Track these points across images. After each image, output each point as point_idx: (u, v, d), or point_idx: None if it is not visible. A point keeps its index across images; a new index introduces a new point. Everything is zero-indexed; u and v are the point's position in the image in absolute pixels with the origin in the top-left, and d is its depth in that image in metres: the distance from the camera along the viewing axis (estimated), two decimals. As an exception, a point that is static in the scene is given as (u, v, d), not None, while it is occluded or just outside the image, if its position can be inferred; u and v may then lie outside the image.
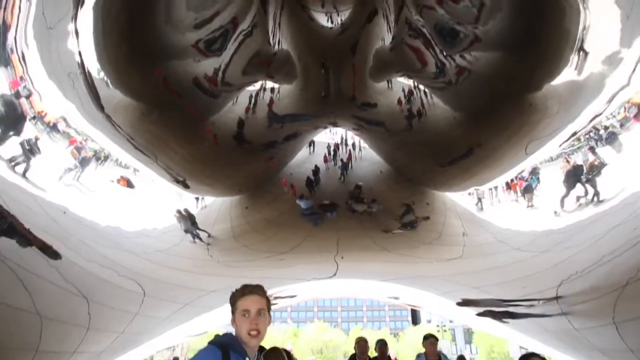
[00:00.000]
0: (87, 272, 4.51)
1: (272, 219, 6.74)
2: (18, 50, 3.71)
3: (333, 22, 6.17)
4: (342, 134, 7.39)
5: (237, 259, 6.29)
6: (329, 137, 7.42)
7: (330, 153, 7.28)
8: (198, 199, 6.38)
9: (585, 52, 4.12)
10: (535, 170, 5.27)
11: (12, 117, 3.75)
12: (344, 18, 6.10)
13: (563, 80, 4.44)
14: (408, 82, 6.33)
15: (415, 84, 6.23)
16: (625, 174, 4.34)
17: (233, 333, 2.13)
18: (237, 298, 2.11)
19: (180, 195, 6.11)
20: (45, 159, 4.14)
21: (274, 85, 6.53)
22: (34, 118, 4.01)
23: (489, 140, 5.62)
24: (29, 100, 3.91)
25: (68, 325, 4.43)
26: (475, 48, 5.06)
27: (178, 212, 5.92)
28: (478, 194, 6.20)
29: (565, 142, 4.87)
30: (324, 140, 7.39)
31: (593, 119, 4.43)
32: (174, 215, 5.89)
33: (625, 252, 4.04)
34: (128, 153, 5.18)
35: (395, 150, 7.13)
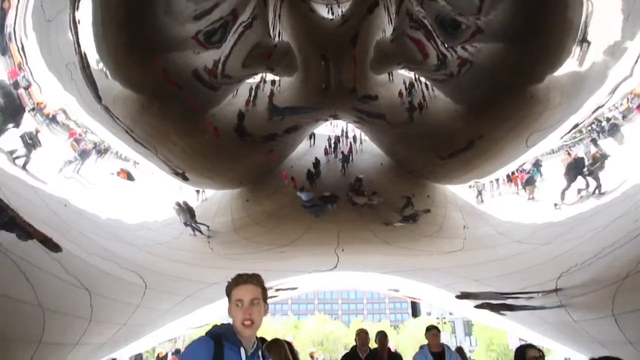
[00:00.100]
0: (88, 264, 4.53)
1: (272, 212, 6.75)
2: (17, 41, 3.69)
3: (334, 13, 6.12)
4: (342, 127, 7.36)
5: (237, 252, 6.31)
6: (330, 129, 7.40)
7: (331, 145, 7.26)
8: (199, 192, 6.38)
9: (588, 42, 4.08)
10: (538, 163, 5.26)
11: (11, 107, 3.74)
12: (345, 9, 6.05)
13: (565, 72, 4.41)
14: (409, 74, 6.29)
15: (417, 76, 6.19)
16: (627, 166, 4.32)
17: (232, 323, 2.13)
18: (231, 288, 2.09)
19: (181, 188, 6.11)
20: (45, 152, 4.13)
21: (275, 78, 6.49)
22: (33, 109, 3.99)
23: (491, 133, 5.60)
24: (28, 91, 3.89)
25: (70, 318, 4.46)
26: (477, 39, 5.01)
27: (177, 204, 5.93)
28: (479, 187, 6.20)
29: (567, 134, 4.85)
30: (325, 133, 7.37)
31: (595, 111, 4.40)
32: (173, 208, 5.90)
33: (626, 244, 4.05)
34: (128, 145, 5.17)
35: (396, 143, 7.10)
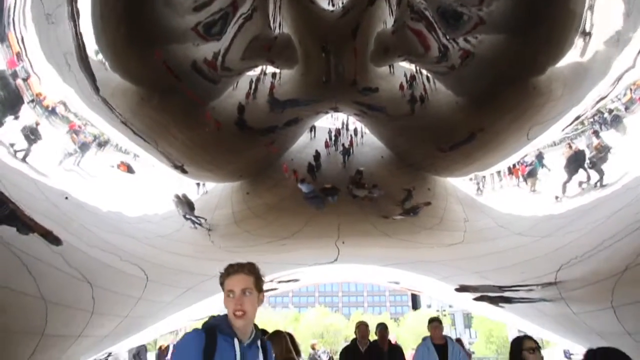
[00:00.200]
0: (89, 257, 4.55)
1: (273, 205, 6.75)
2: (17, 32, 3.66)
3: (334, 5, 6.05)
4: (343, 119, 7.33)
5: (238, 244, 6.32)
6: (330, 122, 7.37)
7: (332, 138, 7.24)
8: (199, 185, 6.38)
9: (590, 33, 4.04)
10: (540, 155, 5.24)
11: (10, 98, 3.72)
12: (346, 1, 5.99)
13: (568, 63, 4.37)
14: (410, 66, 6.24)
15: (418, 69, 6.15)
16: (628, 158, 4.31)
17: None
18: (223, 279, 2.07)
19: (182, 181, 6.11)
20: (45, 144, 4.12)
21: (275, 70, 6.45)
22: (33, 101, 3.98)
23: (492, 125, 5.58)
24: (27, 83, 3.87)
25: (72, 310, 4.49)
26: (479, 31, 4.97)
27: (176, 197, 5.93)
28: (479, 179, 6.19)
29: (569, 126, 4.83)
30: (325, 126, 7.34)
31: (598, 102, 4.38)
32: (172, 200, 5.90)
33: (626, 236, 4.05)
34: (128, 138, 5.16)
35: (397, 136, 7.08)
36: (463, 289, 6.93)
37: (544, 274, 5.11)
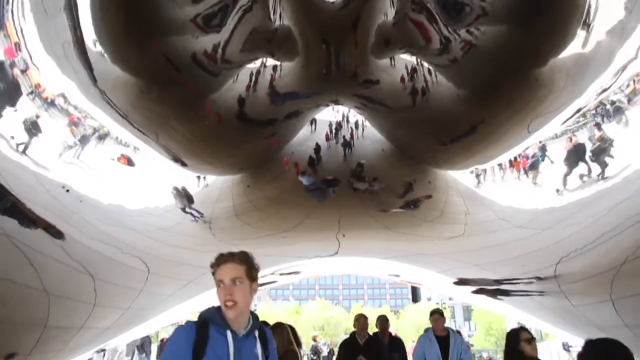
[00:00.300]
0: (91, 249, 4.56)
1: (274, 197, 6.75)
2: (15, 23, 3.63)
3: (335, -4, 6.00)
4: (343, 112, 7.31)
5: (239, 237, 6.34)
6: (331, 114, 7.34)
7: (332, 131, 7.22)
8: (199, 178, 6.38)
9: (593, 24, 4.00)
10: (542, 148, 5.23)
11: (8, 89, 3.70)
12: (346, -8, 5.93)
13: (570, 54, 4.33)
14: (411, 59, 6.20)
15: (419, 61, 6.11)
16: (629, 151, 4.30)
17: None
18: (214, 269, 2.03)
19: (183, 174, 6.11)
20: (45, 137, 4.11)
21: (275, 63, 6.41)
22: (32, 93, 3.96)
23: (493, 118, 5.55)
24: (26, 74, 3.85)
25: (75, 302, 4.51)
26: (480, 22, 4.92)
27: (175, 189, 5.93)
28: (479, 172, 6.18)
29: (570, 118, 4.81)
30: (326, 119, 7.32)
31: (600, 94, 4.35)
32: (171, 193, 5.90)
33: (627, 229, 4.05)
34: (128, 131, 5.15)
35: (398, 128, 7.06)
36: (462, 282, 6.95)
37: (544, 267, 5.12)
